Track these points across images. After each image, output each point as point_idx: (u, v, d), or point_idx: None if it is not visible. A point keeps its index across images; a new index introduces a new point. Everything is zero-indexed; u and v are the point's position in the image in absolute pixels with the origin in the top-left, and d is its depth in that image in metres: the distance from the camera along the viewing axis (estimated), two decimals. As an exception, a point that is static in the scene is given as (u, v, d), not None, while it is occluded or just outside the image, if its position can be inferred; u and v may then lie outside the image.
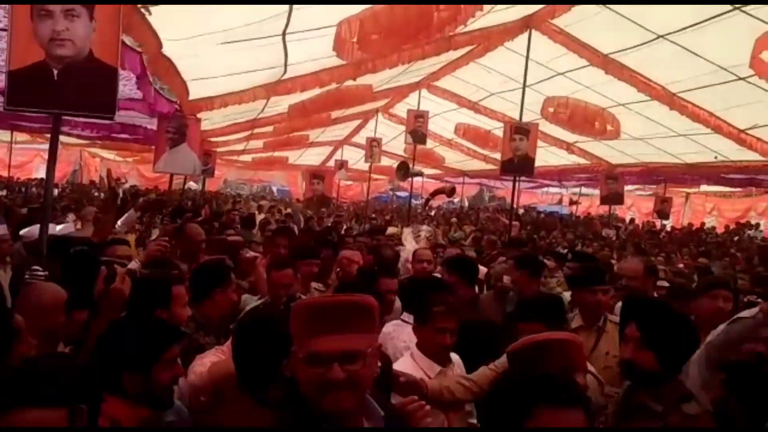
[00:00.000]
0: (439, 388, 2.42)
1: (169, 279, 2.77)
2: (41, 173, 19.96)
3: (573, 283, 3.70)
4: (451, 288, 3.33)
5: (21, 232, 5.03)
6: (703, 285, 3.47)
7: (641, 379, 2.18)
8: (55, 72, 3.16)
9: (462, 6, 6.47)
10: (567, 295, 3.91)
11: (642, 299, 2.70)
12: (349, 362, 1.41)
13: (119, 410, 1.83)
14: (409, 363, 2.60)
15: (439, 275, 4.67)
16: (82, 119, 9.26)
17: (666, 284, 4.54)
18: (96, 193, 14.87)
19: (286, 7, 5.65)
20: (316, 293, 4.13)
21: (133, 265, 3.31)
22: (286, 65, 7.59)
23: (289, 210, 14.36)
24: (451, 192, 14.98)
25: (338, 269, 4.68)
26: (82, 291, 2.44)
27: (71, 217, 5.90)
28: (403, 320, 3.23)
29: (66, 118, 3.47)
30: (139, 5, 4.30)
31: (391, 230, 7.81)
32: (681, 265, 7.94)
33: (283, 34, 6.49)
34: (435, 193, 15.31)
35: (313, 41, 6.81)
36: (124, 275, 2.62)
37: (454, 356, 2.75)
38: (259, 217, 10.79)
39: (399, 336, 3.13)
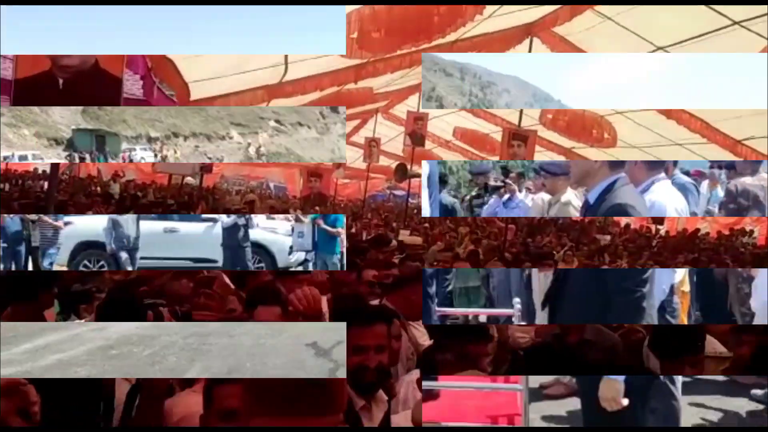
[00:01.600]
0: None
1: None
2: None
3: None
4: None
5: None
6: None
7: None
8: (61, 82, 3.18)
9: (462, 7, 6.45)
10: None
11: None
12: None
13: None
14: None
15: None
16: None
17: None
18: (93, 188, 14.81)
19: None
20: None
21: None
22: (287, 62, 7.63)
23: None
24: None
25: None
26: None
27: None
28: None
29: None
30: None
31: (411, 240, 7.17)
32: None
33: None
34: None
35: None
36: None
37: None
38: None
39: None
